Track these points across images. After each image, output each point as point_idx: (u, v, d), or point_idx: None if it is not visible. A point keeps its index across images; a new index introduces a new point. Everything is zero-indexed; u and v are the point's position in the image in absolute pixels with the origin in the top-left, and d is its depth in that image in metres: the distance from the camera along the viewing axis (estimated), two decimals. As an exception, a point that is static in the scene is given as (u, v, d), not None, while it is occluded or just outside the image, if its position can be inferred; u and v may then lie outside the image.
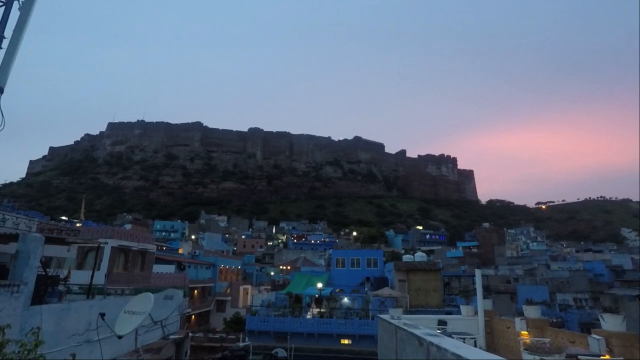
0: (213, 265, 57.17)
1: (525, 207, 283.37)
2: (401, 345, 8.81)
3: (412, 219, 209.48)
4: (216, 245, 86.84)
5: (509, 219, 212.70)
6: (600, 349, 6.85)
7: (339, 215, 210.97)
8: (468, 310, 11.75)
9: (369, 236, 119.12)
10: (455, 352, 5.85)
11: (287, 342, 28.96)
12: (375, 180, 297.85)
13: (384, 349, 10.98)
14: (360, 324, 31.42)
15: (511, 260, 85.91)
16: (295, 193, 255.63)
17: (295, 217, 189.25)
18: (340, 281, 45.20)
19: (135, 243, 32.34)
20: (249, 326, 31.98)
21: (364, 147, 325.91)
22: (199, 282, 50.37)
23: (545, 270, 73.38)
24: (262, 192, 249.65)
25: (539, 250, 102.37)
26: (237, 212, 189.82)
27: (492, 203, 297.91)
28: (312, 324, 32.16)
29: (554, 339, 8.76)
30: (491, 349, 10.36)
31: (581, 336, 8.00)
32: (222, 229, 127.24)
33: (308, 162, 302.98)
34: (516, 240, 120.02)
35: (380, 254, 48.93)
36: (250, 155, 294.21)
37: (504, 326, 10.71)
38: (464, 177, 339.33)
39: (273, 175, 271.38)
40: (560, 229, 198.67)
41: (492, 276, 67.70)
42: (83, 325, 9.79)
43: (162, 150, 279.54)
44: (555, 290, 59.13)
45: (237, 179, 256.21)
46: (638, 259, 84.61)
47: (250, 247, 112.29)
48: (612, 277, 69.11)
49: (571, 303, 52.04)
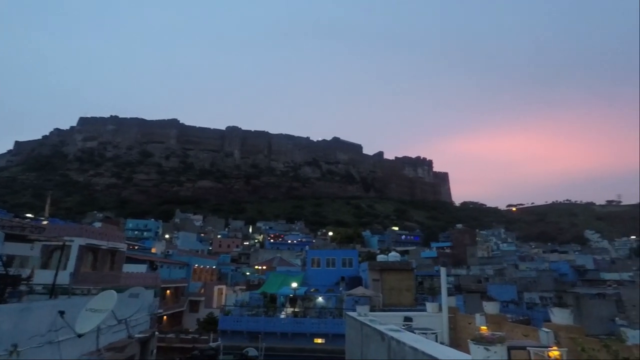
0: (187, 265, 56.15)
1: (497, 209, 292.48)
2: (366, 341, 9.04)
3: (388, 219, 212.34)
4: (191, 244, 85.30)
5: (482, 221, 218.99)
6: (549, 340, 7.28)
7: (317, 215, 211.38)
8: (433, 307, 12.15)
9: (346, 236, 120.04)
10: (412, 345, 6.12)
11: (259, 341, 28.84)
12: (353, 181, 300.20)
13: (350, 344, 11.19)
14: (333, 323, 31.65)
15: (482, 261, 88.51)
16: (274, 193, 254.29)
17: (273, 217, 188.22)
18: (315, 281, 45.34)
19: (104, 242, 31.40)
20: (221, 326, 31.67)
21: (342, 148, 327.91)
22: (172, 282, 49.38)
23: (515, 270, 76.05)
24: (240, 192, 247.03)
25: (508, 251, 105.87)
26: (214, 212, 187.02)
27: (466, 205, 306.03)
28: (285, 323, 32.16)
29: (509, 332, 9.21)
30: (454, 343, 10.75)
31: (534, 330, 8.45)
32: (197, 229, 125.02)
33: (286, 162, 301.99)
34: (488, 241, 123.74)
35: (355, 254, 49.41)
36: (228, 154, 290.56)
37: (465, 322, 11.15)
38: (439, 179, 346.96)
39: (251, 174, 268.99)
40: (530, 231, 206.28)
41: (464, 276, 69.63)
42: (45, 326, 9.50)
43: (137, 147, 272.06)
44: (523, 289, 61.40)
45: (214, 178, 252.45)
46: (599, 260, 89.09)
47: (226, 246, 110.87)
48: (575, 277, 72.53)
49: (537, 301, 54.19)
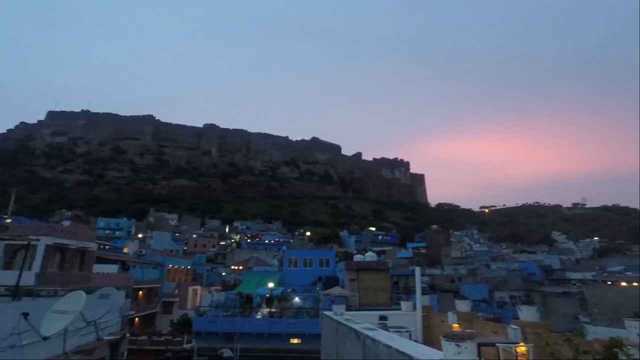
0: (161, 265, 54.82)
1: (470, 211, 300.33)
2: (342, 340, 9.11)
3: (366, 220, 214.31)
4: (165, 244, 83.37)
5: (456, 222, 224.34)
6: (517, 337, 7.57)
7: (295, 215, 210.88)
8: (408, 306, 12.38)
9: (323, 236, 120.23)
10: (387, 343, 6.23)
11: (234, 342, 28.51)
12: (331, 181, 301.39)
13: (326, 343, 11.25)
14: (310, 323, 31.65)
15: (456, 261, 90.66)
16: (251, 192, 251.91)
17: (251, 216, 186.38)
18: (292, 281, 45.23)
19: (73, 241, 30.20)
20: (196, 327, 31.13)
21: (321, 148, 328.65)
22: (145, 283, 48.09)
23: (486, 270, 78.35)
24: (217, 191, 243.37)
25: (481, 252, 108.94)
26: (190, 211, 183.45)
27: (441, 206, 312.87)
28: (261, 324, 31.95)
29: (480, 329, 9.51)
30: (427, 341, 10.96)
31: (503, 327, 8.76)
32: (172, 228, 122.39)
33: (265, 161, 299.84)
34: (461, 242, 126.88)
35: (332, 254, 49.63)
36: (205, 152, 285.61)
37: (439, 320, 11.42)
38: (416, 181, 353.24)
39: (228, 173, 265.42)
40: (501, 232, 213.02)
41: (438, 275, 71.11)
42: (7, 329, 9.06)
43: (109, 144, 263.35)
44: (494, 288, 63.33)
45: (190, 176, 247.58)
46: (565, 260, 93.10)
47: (202, 246, 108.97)
48: (543, 276, 75.52)
49: (507, 300, 56.04)
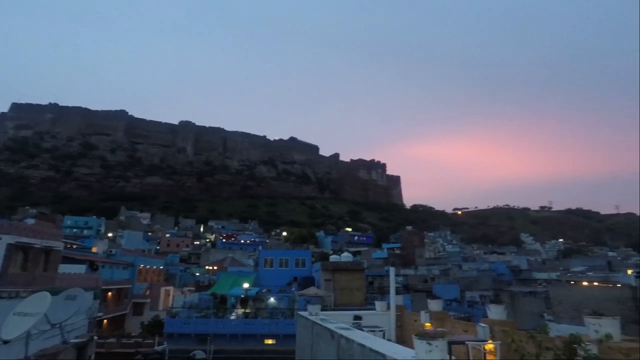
0: (132, 265, 53.32)
1: (444, 212, 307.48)
2: (316, 340, 9.15)
3: (342, 220, 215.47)
4: (137, 243, 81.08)
5: (430, 223, 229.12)
6: (485, 335, 7.85)
7: (272, 215, 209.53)
8: (382, 306, 12.58)
9: (300, 237, 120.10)
10: (360, 342, 6.32)
11: (208, 344, 28.06)
12: (308, 181, 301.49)
13: (301, 343, 11.27)
14: (285, 324, 31.57)
15: (429, 261, 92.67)
16: (227, 191, 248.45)
17: (226, 216, 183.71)
18: (268, 281, 44.97)
19: (38, 240, 28.85)
20: (168, 329, 30.45)
21: (299, 148, 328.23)
22: (114, 284, 46.58)
23: (458, 270, 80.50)
24: (192, 189, 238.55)
25: (453, 252, 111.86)
26: (163, 210, 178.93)
27: (416, 207, 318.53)
28: (236, 324, 31.60)
29: (451, 328, 9.79)
30: (400, 339, 11.17)
31: (473, 325, 9.05)
32: (144, 227, 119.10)
33: (242, 160, 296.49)
34: (435, 243, 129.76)
35: (308, 254, 49.68)
36: (180, 150, 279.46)
37: (411, 319, 11.67)
38: (392, 182, 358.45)
39: (204, 171, 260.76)
40: (473, 233, 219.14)
41: (412, 276, 72.45)
42: (-38, 332, 8.55)
43: (79, 139, 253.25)
44: (465, 288, 65.11)
45: (164, 174, 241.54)
46: (532, 260, 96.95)
47: (176, 246, 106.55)
48: (511, 276, 78.22)
49: (478, 300, 57.72)
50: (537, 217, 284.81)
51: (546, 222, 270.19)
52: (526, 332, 5.36)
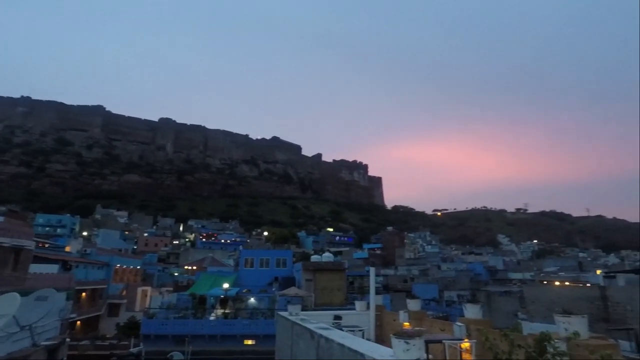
0: (107, 265, 51.96)
1: (424, 214, 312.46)
2: (296, 340, 9.15)
3: (324, 220, 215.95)
4: (113, 243, 79.07)
5: (410, 224, 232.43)
6: (462, 333, 8.03)
7: (253, 215, 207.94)
8: (361, 306, 12.69)
9: (281, 236, 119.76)
10: (340, 342, 6.35)
11: (186, 345, 27.60)
12: (291, 181, 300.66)
13: (280, 344, 11.24)
14: (265, 324, 31.37)
15: (409, 261, 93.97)
16: (208, 190, 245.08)
17: (207, 215, 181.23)
18: (248, 281, 44.60)
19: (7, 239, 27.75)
20: (144, 330, 29.75)
21: (281, 148, 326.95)
22: (89, 284, 45.29)
23: (437, 270, 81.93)
24: (171, 188, 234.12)
25: (432, 253, 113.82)
26: (141, 208, 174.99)
27: (397, 208, 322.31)
28: (215, 325, 31.20)
29: (429, 327, 9.97)
30: (379, 339, 11.29)
31: (450, 324, 9.25)
32: (121, 226, 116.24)
33: (223, 159, 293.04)
34: (415, 244, 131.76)
35: (289, 254, 49.57)
36: (159, 147, 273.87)
37: (390, 319, 11.82)
38: (373, 183, 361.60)
39: (184, 170, 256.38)
40: (452, 234, 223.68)
41: (392, 276, 73.29)
42: None
43: (52, 134, 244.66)
44: (444, 288, 66.31)
45: (143, 172, 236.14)
46: (508, 261, 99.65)
47: (154, 245, 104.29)
48: (488, 276, 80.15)
49: (455, 299, 58.87)
50: (513, 219, 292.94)
51: (522, 223, 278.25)
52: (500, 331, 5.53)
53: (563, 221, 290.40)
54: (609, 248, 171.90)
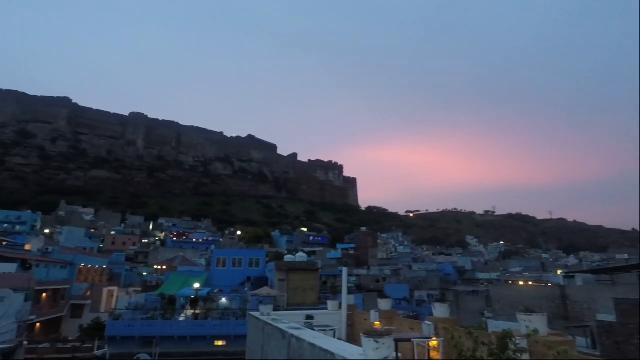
0: (71, 264, 49.80)
1: (397, 214, 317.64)
2: (267, 340, 9.10)
3: (298, 220, 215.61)
4: (78, 241, 75.88)
5: (384, 224, 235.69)
6: (430, 332, 8.24)
7: (226, 213, 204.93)
8: (334, 305, 12.77)
9: (255, 236, 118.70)
10: (311, 342, 6.37)
11: (153, 347, 26.87)
12: (265, 180, 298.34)
13: (252, 344, 11.14)
14: (236, 324, 31.03)
15: (381, 262, 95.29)
16: (180, 188, 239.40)
17: (178, 213, 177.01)
18: (220, 281, 43.98)
19: (-40, 236, 26.16)
20: (109, 332, 28.75)
21: (257, 147, 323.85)
22: (50, 284, 43.25)
23: (409, 270, 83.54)
24: (141, 185, 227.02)
25: (404, 253, 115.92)
26: (109, 205, 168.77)
27: (371, 209, 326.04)
28: (184, 326, 30.57)
29: (399, 326, 10.17)
30: (351, 338, 11.39)
31: (419, 323, 9.47)
32: (87, 223, 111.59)
33: (197, 157, 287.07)
34: (387, 244, 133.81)
35: (262, 254, 49.27)
36: (129, 143, 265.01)
37: (362, 318, 11.96)
38: (348, 184, 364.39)
39: (156, 166, 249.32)
40: (423, 235, 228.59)
41: (365, 276, 74.11)
42: None
43: (13, 125, 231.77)
44: (414, 287, 67.71)
45: (111, 168, 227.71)
46: (476, 261, 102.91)
47: (122, 244, 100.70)
48: (457, 276, 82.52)
49: (425, 299, 60.29)
50: (482, 221, 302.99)
51: (489, 225, 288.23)
52: (465, 329, 5.74)
53: (528, 223, 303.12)
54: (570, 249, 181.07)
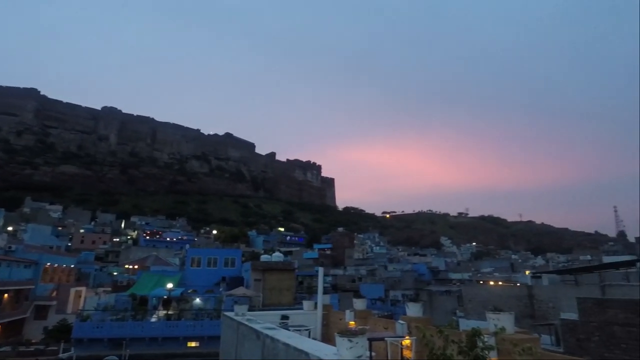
0: (36, 263, 47.70)
1: (373, 215, 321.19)
2: (241, 340, 9.02)
3: (275, 220, 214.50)
4: (44, 239, 72.69)
5: (360, 225, 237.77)
6: (403, 331, 8.41)
7: (202, 212, 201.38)
8: (309, 305, 12.78)
9: (231, 235, 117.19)
10: (285, 342, 6.36)
11: (123, 349, 26.10)
12: (243, 179, 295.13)
13: (225, 345, 11.02)
14: (210, 325, 30.58)
15: (357, 262, 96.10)
16: (154, 186, 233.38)
17: (152, 212, 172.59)
18: (194, 281, 43.22)
19: None
20: (76, 334, 27.72)
21: (234, 145, 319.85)
22: (12, 284, 41.34)
23: (384, 270, 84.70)
24: (114, 181, 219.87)
25: (380, 253, 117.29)
26: (79, 202, 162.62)
27: (348, 210, 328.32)
28: (156, 327, 29.86)
29: (373, 325, 10.32)
30: (326, 338, 11.43)
31: (393, 322, 9.63)
32: (54, 221, 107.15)
33: (172, 154, 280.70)
34: (364, 244, 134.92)
35: (238, 254, 48.75)
36: (101, 138, 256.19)
37: (337, 318, 12.04)
38: (326, 184, 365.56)
39: (129, 163, 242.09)
40: (399, 236, 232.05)
41: (341, 276, 74.57)
42: None
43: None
44: (389, 287, 68.72)
45: (82, 163, 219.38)
46: (449, 262, 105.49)
47: (91, 243, 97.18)
48: (430, 276, 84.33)
49: (400, 298, 61.29)
50: (455, 222, 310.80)
51: (462, 227, 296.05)
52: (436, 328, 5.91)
53: (499, 225, 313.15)
54: (537, 251, 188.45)
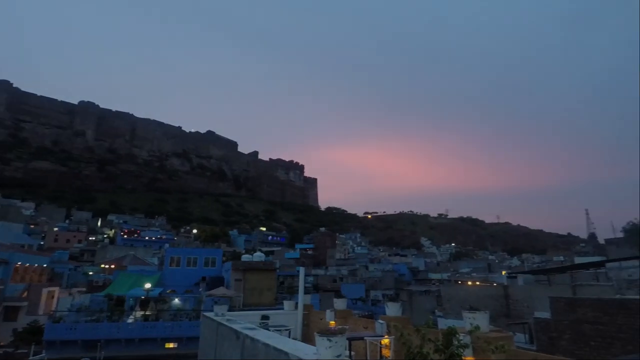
0: (6, 262, 45.92)
1: (355, 216, 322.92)
2: (220, 341, 8.95)
3: (257, 219, 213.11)
4: (14, 237, 69.84)
5: (342, 225, 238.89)
6: (383, 330, 8.52)
7: (182, 211, 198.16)
8: (290, 305, 12.81)
9: (212, 235, 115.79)
10: (265, 342, 6.37)
11: (98, 351, 25.43)
12: (224, 178, 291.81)
13: (204, 345, 10.91)
14: (189, 326, 30.16)
15: (339, 262, 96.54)
16: (133, 183, 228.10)
17: (130, 210, 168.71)
18: (173, 281, 42.51)
19: None
20: (48, 336, 26.83)
21: (216, 143, 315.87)
22: (-20, 284, 39.63)
23: (365, 270, 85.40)
24: (90, 178, 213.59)
25: (362, 254, 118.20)
26: (53, 200, 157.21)
27: (330, 210, 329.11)
28: (132, 328, 29.22)
29: (353, 325, 10.42)
30: (306, 338, 11.47)
31: (372, 322, 9.74)
32: (26, 218, 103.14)
33: (152, 151, 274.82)
34: (345, 245, 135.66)
35: (219, 253, 48.24)
36: (78, 133, 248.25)
37: (317, 318, 12.10)
38: (309, 184, 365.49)
39: (106, 160, 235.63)
40: (380, 236, 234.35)
41: (322, 276, 74.73)
42: None
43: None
44: (370, 287, 69.33)
45: (56, 159, 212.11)
46: (429, 262, 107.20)
47: (65, 241, 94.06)
48: (411, 276, 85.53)
49: (380, 298, 61.93)
50: (435, 223, 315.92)
51: (442, 227, 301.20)
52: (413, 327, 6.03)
53: (477, 226, 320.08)
54: (513, 251, 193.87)
